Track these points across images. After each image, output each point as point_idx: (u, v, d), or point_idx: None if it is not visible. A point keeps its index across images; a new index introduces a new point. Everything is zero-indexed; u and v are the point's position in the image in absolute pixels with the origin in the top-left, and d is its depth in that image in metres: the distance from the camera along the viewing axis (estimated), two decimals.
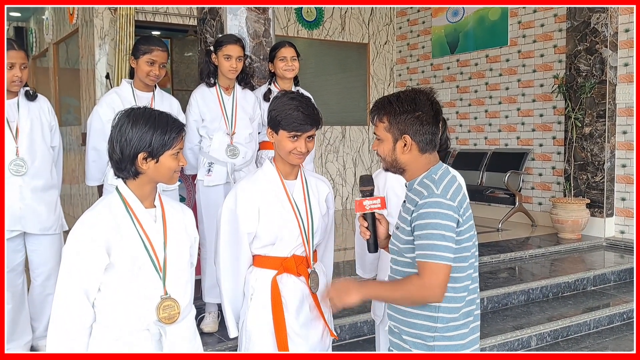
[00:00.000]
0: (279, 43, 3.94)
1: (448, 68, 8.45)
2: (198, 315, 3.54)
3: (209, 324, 3.67)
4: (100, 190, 3.57)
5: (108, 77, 6.52)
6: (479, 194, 7.19)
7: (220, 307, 3.80)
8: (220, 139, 3.64)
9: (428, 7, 8.57)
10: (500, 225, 6.91)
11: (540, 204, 7.23)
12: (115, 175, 2.04)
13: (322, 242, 2.59)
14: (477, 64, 8.02)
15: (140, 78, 3.48)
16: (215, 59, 3.66)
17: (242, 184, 2.44)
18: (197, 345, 2.19)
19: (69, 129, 7.93)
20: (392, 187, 2.71)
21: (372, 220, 2.21)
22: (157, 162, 1.98)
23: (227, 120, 3.66)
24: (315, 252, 2.52)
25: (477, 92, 8.04)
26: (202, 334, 2.71)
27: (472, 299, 2.06)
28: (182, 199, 4.30)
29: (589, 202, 6.39)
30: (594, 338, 4.41)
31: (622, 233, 6.40)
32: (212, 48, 3.71)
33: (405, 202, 2.08)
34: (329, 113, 8.22)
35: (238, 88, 3.77)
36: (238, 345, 2.50)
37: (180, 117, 3.50)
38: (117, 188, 2.04)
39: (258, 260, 2.44)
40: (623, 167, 6.37)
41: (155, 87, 3.59)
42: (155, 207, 2.08)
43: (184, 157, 2.10)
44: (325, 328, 2.52)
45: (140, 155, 1.96)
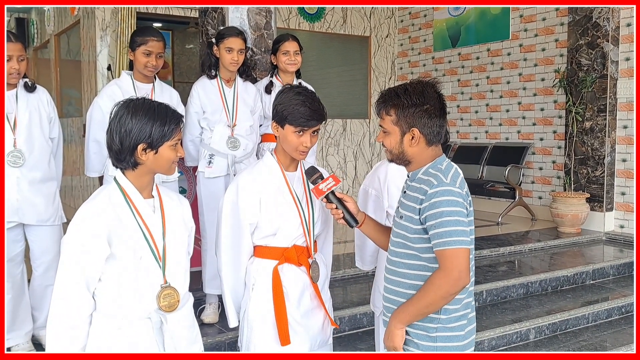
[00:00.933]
0: (282, 36, 3.93)
1: (449, 61, 8.44)
2: (198, 307, 3.57)
3: (210, 315, 3.69)
4: (101, 182, 3.58)
5: (109, 68, 6.53)
6: (480, 188, 7.19)
7: (221, 298, 3.84)
8: (221, 131, 3.64)
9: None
10: (500, 219, 6.92)
11: (540, 198, 7.24)
12: (114, 166, 2.05)
13: (322, 232, 2.60)
14: (478, 58, 8.01)
15: (139, 70, 3.48)
16: (217, 51, 3.66)
17: (243, 176, 2.46)
18: (195, 332, 2.21)
19: (70, 121, 7.94)
20: (393, 180, 2.73)
21: (337, 200, 2.25)
22: (156, 153, 1.99)
23: (227, 112, 3.67)
24: (316, 242, 2.54)
25: (478, 85, 8.03)
26: (202, 325, 2.74)
27: (471, 291, 2.08)
28: (182, 191, 4.31)
29: (589, 196, 6.40)
30: (593, 331, 4.43)
31: (621, 227, 6.41)
32: (213, 40, 3.71)
33: (407, 191, 2.09)
34: (330, 106, 8.19)
35: (239, 80, 3.78)
36: (239, 335, 2.52)
37: (180, 108, 3.50)
38: (115, 179, 2.05)
39: (259, 251, 2.45)
40: (623, 161, 6.37)
41: (155, 78, 3.59)
42: (154, 197, 2.10)
43: (184, 148, 2.11)
44: (326, 317, 2.53)
45: (140, 146, 1.97)
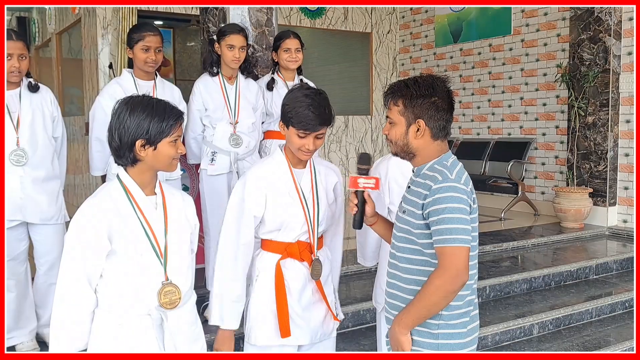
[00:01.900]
0: (284, 33, 3.92)
1: (451, 57, 8.42)
2: (202, 304, 3.57)
3: None
4: (104, 180, 3.58)
5: (111, 66, 6.53)
6: (482, 183, 7.19)
7: None
8: (224, 129, 3.64)
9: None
10: (503, 215, 6.91)
11: (543, 193, 7.23)
12: (115, 163, 2.06)
13: (330, 228, 2.62)
14: (480, 53, 8.00)
15: (139, 66, 3.48)
16: (218, 49, 3.66)
17: (252, 170, 2.48)
18: (198, 330, 2.22)
19: (72, 119, 7.94)
20: (393, 176, 2.73)
21: (361, 199, 2.24)
22: (155, 149, 2.00)
23: (230, 110, 3.67)
24: (321, 238, 2.54)
25: (480, 81, 8.02)
26: (205, 322, 2.73)
27: (475, 287, 2.07)
28: (185, 188, 4.32)
29: (592, 191, 6.38)
30: (596, 326, 4.43)
31: (624, 222, 6.40)
32: (215, 37, 3.71)
33: (411, 186, 2.08)
34: (332, 102, 8.17)
35: (241, 77, 3.77)
36: (244, 325, 2.53)
37: (182, 105, 3.51)
38: (117, 176, 2.06)
39: (265, 244, 2.48)
40: (626, 156, 6.36)
41: (157, 75, 3.59)
42: (156, 194, 2.10)
43: (187, 146, 2.12)
44: (328, 312, 2.54)
45: (138, 143, 1.98)
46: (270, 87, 3.90)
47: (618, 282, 5.09)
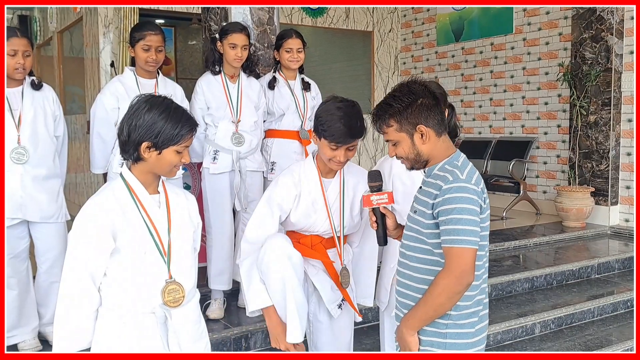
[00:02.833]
0: (286, 32, 3.91)
1: (453, 56, 8.41)
2: (204, 303, 3.57)
3: (215, 311, 3.69)
4: (106, 179, 3.58)
5: (113, 65, 6.52)
6: (484, 182, 7.16)
7: (226, 294, 3.86)
8: (226, 127, 3.64)
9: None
10: (505, 214, 6.91)
11: (545, 193, 7.22)
12: (120, 155, 2.07)
13: (358, 230, 2.74)
14: (482, 52, 7.99)
15: (140, 65, 3.48)
16: (221, 47, 3.65)
17: (283, 175, 2.57)
18: (202, 328, 2.22)
19: (74, 118, 7.94)
20: (398, 175, 2.73)
21: (380, 214, 2.24)
22: (159, 154, 2.00)
23: (232, 108, 3.67)
24: (346, 237, 2.68)
25: (482, 80, 8.01)
26: (208, 321, 2.74)
27: (484, 287, 2.07)
28: (187, 187, 4.31)
29: (594, 190, 6.37)
30: (598, 325, 4.42)
31: (626, 221, 6.39)
32: (217, 36, 3.70)
33: (422, 186, 2.08)
34: None
35: (243, 76, 3.77)
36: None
37: (184, 103, 3.51)
38: (121, 174, 2.07)
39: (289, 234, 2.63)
40: (628, 155, 6.35)
41: (159, 73, 3.59)
42: (159, 193, 2.11)
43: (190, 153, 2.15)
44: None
45: (144, 144, 1.98)
46: (272, 85, 3.90)
47: (620, 281, 5.09)
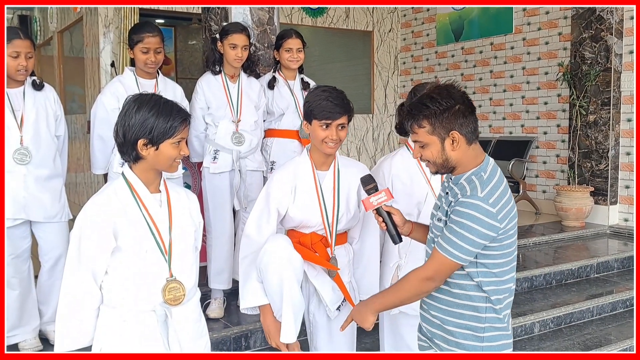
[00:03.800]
0: (286, 32, 3.92)
1: (452, 56, 8.42)
2: (204, 302, 3.58)
3: (215, 310, 3.70)
4: (106, 179, 3.59)
5: (113, 65, 6.53)
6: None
7: (226, 293, 3.86)
8: (226, 127, 3.65)
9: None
10: None
11: (544, 192, 7.23)
12: (120, 157, 2.09)
13: (355, 227, 2.76)
14: (481, 52, 8.00)
15: (140, 67, 3.49)
16: (221, 47, 3.66)
17: (279, 170, 2.65)
18: (202, 327, 2.23)
19: (74, 118, 7.95)
20: (397, 174, 2.74)
21: (386, 214, 2.24)
22: (157, 149, 2.01)
23: (232, 108, 3.68)
24: (345, 235, 2.70)
25: (481, 80, 8.02)
26: (208, 320, 2.75)
27: (512, 289, 2.09)
28: (187, 187, 4.32)
29: (593, 190, 6.38)
30: (597, 325, 4.43)
31: (625, 221, 6.40)
32: (217, 36, 3.71)
33: (447, 193, 2.05)
34: None
35: (243, 76, 3.78)
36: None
37: (184, 103, 3.52)
38: (122, 174, 2.08)
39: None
40: (627, 154, 6.36)
41: (159, 73, 3.60)
42: (161, 192, 2.12)
43: (189, 144, 2.14)
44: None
45: (140, 141, 1.99)
46: (272, 85, 3.91)
47: (619, 280, 5.10)
